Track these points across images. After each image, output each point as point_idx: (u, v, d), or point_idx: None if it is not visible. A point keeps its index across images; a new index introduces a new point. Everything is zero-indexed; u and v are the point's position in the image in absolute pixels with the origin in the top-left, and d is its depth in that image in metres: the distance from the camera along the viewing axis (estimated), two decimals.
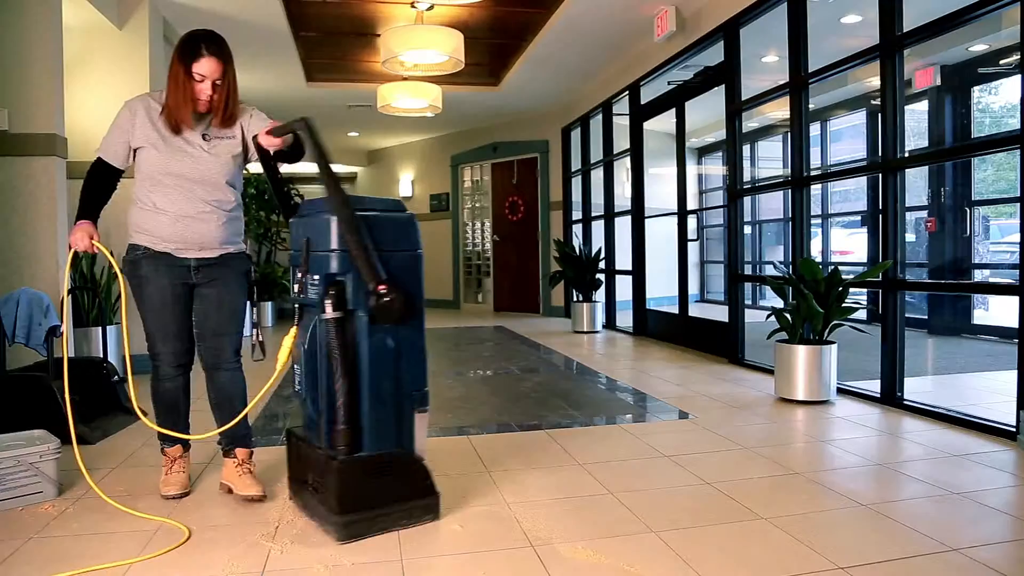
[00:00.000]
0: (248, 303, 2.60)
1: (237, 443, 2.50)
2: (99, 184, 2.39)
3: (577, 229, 8.57)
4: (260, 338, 2.45)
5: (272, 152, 2.38)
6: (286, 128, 2.26)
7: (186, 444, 2.58)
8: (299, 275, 2.24)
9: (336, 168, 2.73)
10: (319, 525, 2.17)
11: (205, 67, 2.28)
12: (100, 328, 4.03)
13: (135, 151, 2.38)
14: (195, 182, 2.36)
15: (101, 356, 3.88)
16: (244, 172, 2.59)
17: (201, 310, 2.48)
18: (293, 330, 2.23)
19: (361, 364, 2.11)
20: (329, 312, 2.05)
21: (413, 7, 5.42)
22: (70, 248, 2.33)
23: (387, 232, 2.18)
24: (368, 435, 2.12)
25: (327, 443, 2.13)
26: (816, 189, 8.44)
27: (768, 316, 4.01)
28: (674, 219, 6.44)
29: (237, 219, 2.51)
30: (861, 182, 8.39)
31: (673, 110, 6.31)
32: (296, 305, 2.26)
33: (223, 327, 2.46)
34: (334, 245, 2.10)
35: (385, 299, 2.05)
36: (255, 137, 2.39)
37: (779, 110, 7.38)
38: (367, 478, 2.11)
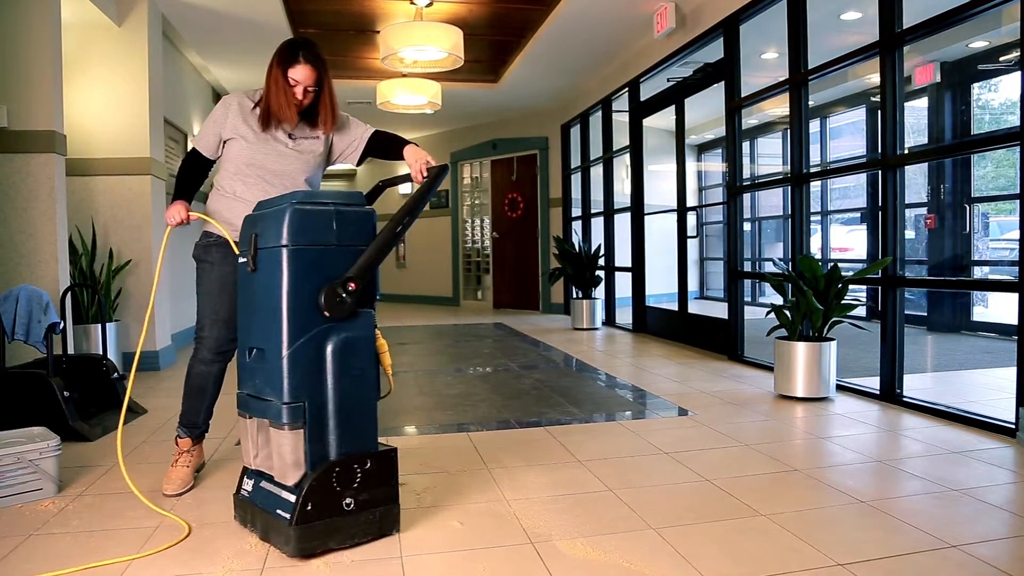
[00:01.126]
0: None
1: None
2: (192, 172, 2.53)
3: (577, 226, 8.57)
4: None
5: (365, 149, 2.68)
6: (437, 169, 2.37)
7: (198, 437, 2.60)
8: None
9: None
10: None
11: (300, 73, 2.42)
12: (100, 325, 4.03)
13: (225, 142, 2.49)
14: (275, 174, 2.47)
15: (101, 353, 3.88)
16: None
17: None
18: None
19: None
20: None
21: (412, 3, 5.41)
22: (167, 225, 2.42)
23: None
24: None
25: None
26: (816, 186, 8.45)
27: (768, 313, 4.01)
28: (673, 216, 6.44)
29: None
30: (861, 179, 8.38)
31: (673, 107, 6.31)
32: None
33: None
34: None
35: None
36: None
37: (779, 107, 7.38)
38: None
